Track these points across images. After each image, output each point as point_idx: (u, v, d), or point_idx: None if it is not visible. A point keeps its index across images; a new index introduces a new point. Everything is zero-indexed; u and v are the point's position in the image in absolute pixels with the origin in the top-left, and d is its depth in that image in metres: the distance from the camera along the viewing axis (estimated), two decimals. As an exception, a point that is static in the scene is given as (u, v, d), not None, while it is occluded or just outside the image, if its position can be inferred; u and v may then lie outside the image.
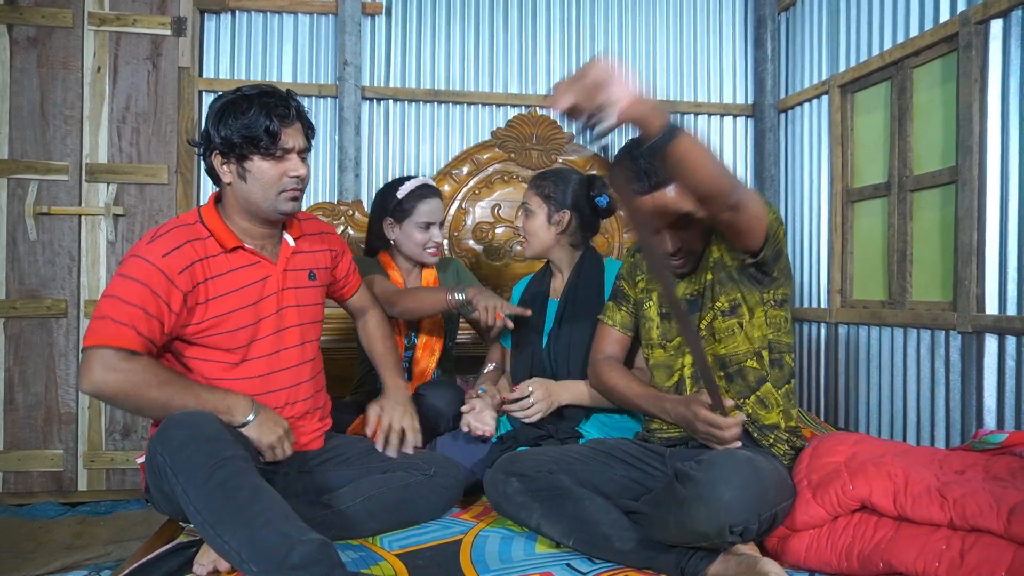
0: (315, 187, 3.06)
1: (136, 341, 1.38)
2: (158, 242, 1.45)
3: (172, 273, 1.43)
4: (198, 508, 1.22)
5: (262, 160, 1.50)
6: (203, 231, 1.52)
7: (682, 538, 1.28)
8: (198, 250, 1.49)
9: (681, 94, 3.30)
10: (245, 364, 1.53)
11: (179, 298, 1.44)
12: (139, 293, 1.40)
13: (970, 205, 2.18)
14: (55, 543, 2.35)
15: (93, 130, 2.76)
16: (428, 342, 2.16)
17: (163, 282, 1.42)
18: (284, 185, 1.52)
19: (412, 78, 3.12)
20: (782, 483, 1.37)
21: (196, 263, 1.47)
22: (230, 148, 1.49)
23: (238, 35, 3.01)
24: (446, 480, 1.61)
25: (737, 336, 1.54)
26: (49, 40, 2.73)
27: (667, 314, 1.64)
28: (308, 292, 1.66)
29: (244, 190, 1.52)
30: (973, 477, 1.35)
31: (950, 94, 2.31)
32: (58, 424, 2.72)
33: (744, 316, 1.54)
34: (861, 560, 1.26)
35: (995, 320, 2.10)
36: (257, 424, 1.45)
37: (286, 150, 1.51)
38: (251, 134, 1.47)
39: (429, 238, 2.14)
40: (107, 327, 1.37)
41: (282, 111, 1.49)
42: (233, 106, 1.48)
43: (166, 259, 1.43)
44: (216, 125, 1.49)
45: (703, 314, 1.57)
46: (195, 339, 1.49)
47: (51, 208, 2.72)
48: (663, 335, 1.64)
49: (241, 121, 1.46)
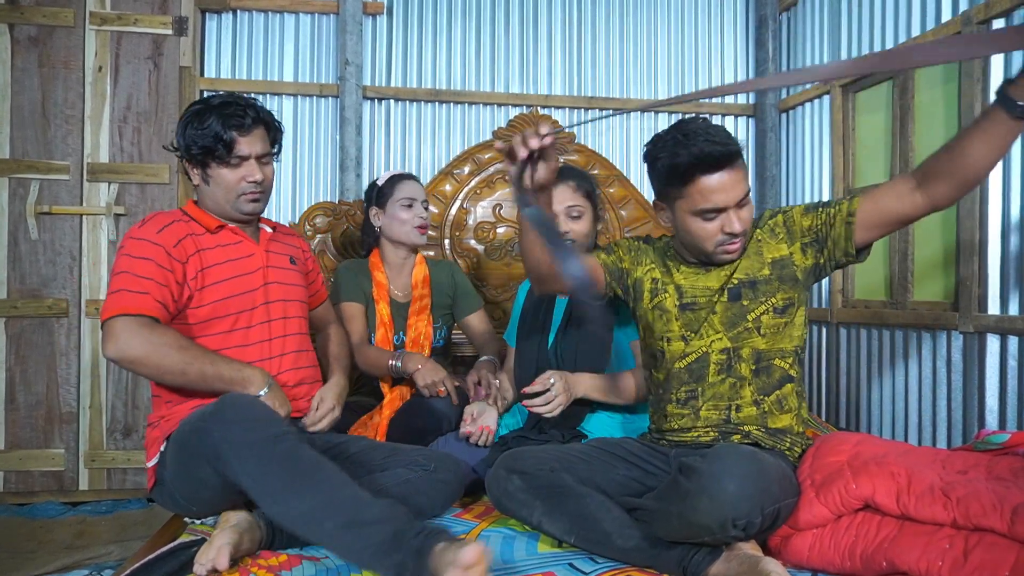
0: (316, 187, 3.06)
1: (155, 308, 1.48)
2: (148, 224, 1.58)
3: (169, 246, 1.54)
4: (259, 479, 1.28)
5: (220, 167, 1.62)
6: (186, 218, 1.66)
7: (685, 532, 1.28)
8: (184, 228, 1.62)
9: (682, 94, 3.30)
10: (235, 333, 1.62)
11: (180, 269, 1.55)
12: (147, 266, 1.50)
13: (972, 205, 2.18)
14: (56, 543, 2.35)
15: (94, 130, 2.76)
16: (416, 339, 2.19)
17: (164, 255, 1.53)
18: (242, 189, 1.64)
19: (413, 78, 3.12)
20: (786, 479, 1.37)
21: (187, 237, 1.60)
22: (190, 156, 1.62)
23: (239, 35, 3.01)
24: (446, 475, 1.62)
25: (781, 334, 1.54)
26: (50, 39, 2.73)
27: (688, 305, 1.58)
28: (291, 274, 1.77)
29: (208, 192, 1.66)
30: (976, 477, 1.34)
31: (952, 94, 2.31)
32: (59, 424, 2.72)
33: (792, 315, 1.54)
34: (864, 559, 1.25)
35: (997, 320, 2.10)
36: (271, 396, 1.55)
37: (242, 157, 1.62)
38: (207, 144, 1.59)
39: (414, 215, 2.19)
40: (124, 298, 1.46)
41: (237, 121, 1.60)
42: (195, 116, 1.60)
43: (161, 234, 1.55)
44: (181, 134, 1.61)
45: (753, 307, 1.53)
46: (196, 311, 1.58)
47: (52, 208, 2.72)
48: (685, 326, 1.58)
49: (199, 131, 1.59)
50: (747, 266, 1.54)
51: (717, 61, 3.33)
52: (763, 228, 1.57)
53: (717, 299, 1.55)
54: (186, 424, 1.44)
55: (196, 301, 1.58)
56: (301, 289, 1.80)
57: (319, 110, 3.06)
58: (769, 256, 1.54)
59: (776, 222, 1.56)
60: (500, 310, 2.77)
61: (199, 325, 1.59)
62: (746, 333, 1.53)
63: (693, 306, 1.58)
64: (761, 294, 1.53)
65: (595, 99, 3.21)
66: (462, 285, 2.32)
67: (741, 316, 1.53)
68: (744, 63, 3.35)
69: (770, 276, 1.53)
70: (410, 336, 2.18)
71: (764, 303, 1.53)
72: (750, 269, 1.54)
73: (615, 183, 2.89)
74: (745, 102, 3.34)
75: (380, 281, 2.21)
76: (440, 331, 2.24)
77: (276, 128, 1.70)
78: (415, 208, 2.20)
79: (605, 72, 3.25)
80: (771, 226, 1.56)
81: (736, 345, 1.54)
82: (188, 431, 1.41)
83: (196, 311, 1.58)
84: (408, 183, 2.24)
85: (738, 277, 1.54)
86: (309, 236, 2.73)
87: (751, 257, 1.55)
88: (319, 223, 2.74)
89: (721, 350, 1.55)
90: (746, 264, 1.54)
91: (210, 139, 1.58)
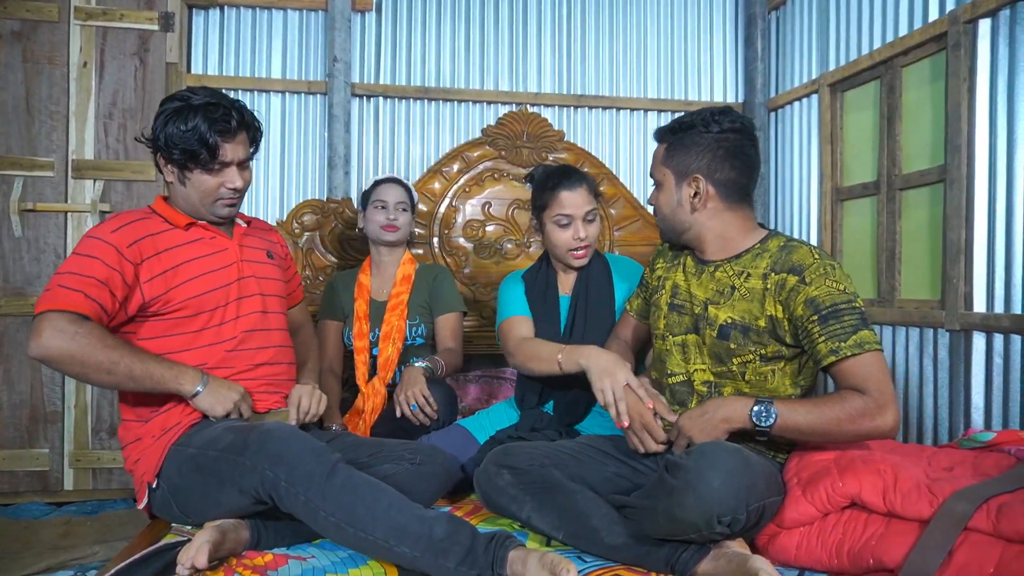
0: (304, 185, 3.05)
1: (85, 305, 1.42)
2: (108, 222, 1.54)
3: (121, 246, 1.48)
4: (330, 512, 1.29)
5: (200, 172, 1.56)
6: (156, 216, 1.61)
7: (670, 529, 1.28)
8: (151, 226, 1.56)
9: (672, 92, 3.31)
10: (208, 331, 1.58)
11: (130, 269, 1.49)
12: (89, 264, 1.45)
13: (958, 203, 2.19)
14: (41, 543, 2.33)
15: (79, 126, 2.73)
16: (388, 332, 2.21)
17: (112, 253, 1.47)
18: (220, 195, 1.59)
19: (402, 75, 3.11)
20: (771, 477, 1.37)
21: (147, 237, 1.54)
22: (170, 156, 1.54)
23: (227, 31, 2.99)
24: (433, 468, 1.61)
25: (770, 382, 1.48)
26: (34, 34, 2.69)
27: (677, 306, 1.58)
28: (267, 267, 1.74)
29: (183, 192, 1.60)
30: (961, 474, 1.36)
31: (939, 93, 2.33)
32: (44, 423, 2.69)
33: (780, 366, 1.47)
34: (851, 557, 1.26)
35: (983, 318, 2.11)
36: (208, 393, 1.50)
37: (224, 164, 1.57)
38: (191, 148, 1.52)
39: (384, 216, 2.23)
40: (56, 294, 1.42)
41: (223, 125, 1.53)
42: (178, 115, 1.52)
43: (115, 234, 1.50)
44: (160, 129, 1.54)
45: (740, 352, 1.46)
46: (156, 311, 1.54)
47: (36, 205, 2.69)
48: (668, 327, 1.58)
49: (183, 132, 1.51)
50: (744, 309, 1.46)
51: (706, 59, 3.34)
52: (777, 274, 1.44)
53: (705, 327, 1.51)
54: (209, 452, 1.40)
55: (165, 300, 1.52)
56: (279, 283, 1.76)
57: (307, 107, 3.04)
58: (770, 310, 1.44)
59: (786, 283, 1.42)
60: (489, 308, 2.77)
61: (171, 323, 1.55)
62: (730, 375, 1.50)
63: (680, 309, 1.58)
64: (751, 343, 1.45)
65: (585, 97, 3.21)
66: (441, 287, 2.28)
67: (727, 357, 1.48)
68: (733, 61, 3.36)
69: (763, 329, 1.45)
70: (383, 331, 2.21)
71: (752, 352, 1.46)
72: (747, 314, 1.46)
73: (604, 181, 2.89)
74: (734, 101, 3.34)
75: (362, 282, 2.29)
76: (417, 328, 2.23)
77: (256, 129, 1.65)
78: (387, 211, 2.23)
79: (595, 70, 3.25)
80: (780, 282, 1.43)
81: (719, 382, 1.52)
82: (214, 460, 1.39)
83: (166, 309, 1.54)
84: (385, 186, 2.26)
85: (732, 318, 1.47)
86: (297, 234, 2.72)
87: (753, 303, 1.45)
88: (307, 221, 2.73)
89: (703, 381, 1.54)
90: (743, 307, 1.47)
91: (194, 142, 1.51)
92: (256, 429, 1.38)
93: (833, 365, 1.37)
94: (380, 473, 1.55)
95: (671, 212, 1.54)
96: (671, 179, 1.53)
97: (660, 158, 1.55)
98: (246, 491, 1.35)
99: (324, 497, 1.29)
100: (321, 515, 1.30)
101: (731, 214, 1.52)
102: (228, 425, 1.45)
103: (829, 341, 1.36)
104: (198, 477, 1.41)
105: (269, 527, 1.43)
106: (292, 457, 1.31)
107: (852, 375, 1.35)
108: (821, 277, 1.39)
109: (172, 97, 1.57)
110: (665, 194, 1.55)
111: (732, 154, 1.49)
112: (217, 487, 1.38)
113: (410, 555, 1.27)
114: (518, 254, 2.86)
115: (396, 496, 1.34)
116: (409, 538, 1.27)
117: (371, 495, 1.31)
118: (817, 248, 1.46)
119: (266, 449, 1.33)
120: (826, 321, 1.36)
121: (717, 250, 1.54)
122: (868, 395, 1.33)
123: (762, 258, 1.48)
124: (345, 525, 1.29)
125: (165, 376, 1.47)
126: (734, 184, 1.51)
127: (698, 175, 1.49)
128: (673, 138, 1.52)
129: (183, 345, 1.56)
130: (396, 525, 1.28)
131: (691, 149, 1.50)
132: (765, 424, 1.35)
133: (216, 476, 1.38)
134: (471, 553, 1.26)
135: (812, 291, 1.38)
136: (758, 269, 1.47)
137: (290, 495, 1.31)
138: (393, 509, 1.30)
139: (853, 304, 1.38)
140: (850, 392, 1.35)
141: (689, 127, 1.50)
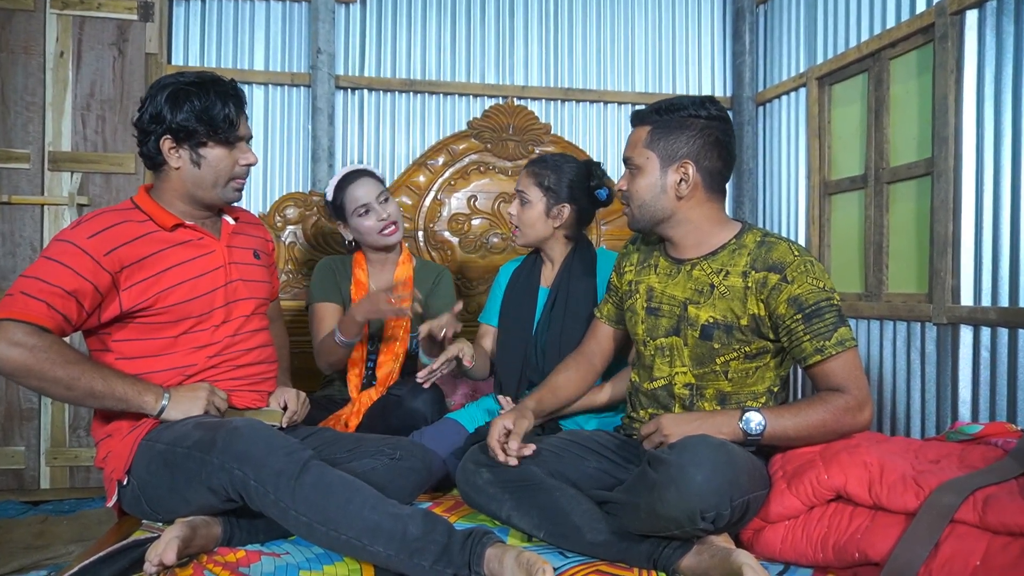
0: (287, 177, 3.00)
1: (47, 316, 1.34)
2: (83, 225, 1.43)
3: (98, 255, 1.40)
4: (301, 512, 1.25)
5: (218, 147, 1.51)
6: (139, 215, 1.52)
7: (652, 525, 1.25)
8: (132, 230, 1.47)
9: (659, 86, 3.28)
10: (191, 335, 1.51)
11: (106, 279, 1.41)
12: (58, 272, 1.37)
13: (945, 196, 2.18)
14: (14, 543, 2.28)
15: (56, 117, 2.68)
16: (391, 347, 2.09)
17: (87, 262, 1.39)
18: (235, 173, 1.55)
19: (387, 67, 3.07)
20: (756, 471, 1.34)
21: (127, 244, 1.45)
22: (187, 134, 1.47)
23: (208, 21, 2.93)
24: (412, 463, 1.58)
25: (752, 377, 1.47)
26: (9, 24, 2.64)
27: (654, 309, 1.54)
28: (255, 269, 1.67)
29: (195, 176, 1.52)
30: (948, 467, 1.33)
31: (926, 85, 2.31)
32: (19, 420, 2.64)
33: (764, 361, 1.46)
34: (836, 550, 1.23)
35: (970, 311, 2.10)
36: (174, 405, 1.43)
37: (239, 137, 1.53)
38: (210, 120, 1.47)
39: (375, 220, 2.05)
40: (16, 301, 1.34)
41: (235, 99, 1.51)
42: (187, 92, 1.47)
43: (91, 240, 1.41)
44: (172, 109, 1.46)
45: (724, 351, 1.45)
46: (136, 317, 1.47)
47: (12, 197, 2.63)
48: (648, 331, 1.55)
49: (200, 107, 1.46)
50: (725, 308, 1.44)
51: (694, 53, 3.32)
52: (757, 272, 1.42)
53: (686, 327, 1.48)
54: (177, 449, 1.35)
55: (146, 307, 1.45)
56: (265, 286, 1.70)
57: (291, 99, 2.99)
58: (752, 308, 1.43)
59: (767, 282, 1.41)
60: (475, 303, 2.73)
61: (151, 327, 1.48)
62: (712, 375, 1.48)
63: (657, 312, 1.54)
64: (735, 341, 1.44)
65: (572, 90, 3.18)
66: (441, 290, 2.20)
67: (710, 357, 1.46)
68: (721, 55, 3.34)
69: (746, 327, 1.43)
70: (385, 343, 2.09)
71: (736, 350, 1.44)
72: (728, 313, 1.44)
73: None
74: (722, 94, 3.32)
75: (360, 279, 2.13)
76: (417, 338, 2.17)
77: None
78: (373, 211, 2.04)
79: (582, 63, 3.22)
80: (761, 280, 1.41)
81: (701, 384, 1.49)
82: (182, 457, 1.34)
83: (147, 314, 1.47)
84: (354, 187, 2.06)
85: (714, 317, 1.45)
86: (279, 227, 2.67)
87: (734, 301, 1.43)
88: (290, 214, 2.69)
89: (685, 384, 1.50)
90: (724, 306, 1.44)
91: (214, 115, 1.46)
92: (225, 426, 1.33)
93: (817, 364, 1.38)
94: (359, 468, 1.51)
95: (652, 198, 1.49)
96: (655, 163, 1.48)
97: (642, 141, 1.49)
98: (216, 489, 1.31)
99: (294, 496, 1.25)
100: (292, 514, 1.26)
101: (710, 206, 1.50)
102: (198, 421, 1.40)
103: (814, 340, 1.37)
104: (167, 474, 1.36)
105: (242, 523, 1.39)
106: (261, 455, 1.27)
107: (834, 374, 1.38)
108: (803, 275, 1.39)
109: (160, 83, 1.50)
110: (647, 179, 1.48)
111: (720, 143, 1.48)
112: (186, 485, 1.34)
113: (384, 554, 1.24)
114: (504, 248, 2.83)
115: (371, 494, 1.29)
116: (383, 537, 1.23)
117: (344, 494, 1.27)
118: (795, 243, 1.46)
119: (234, 447, 1.28)
120: (810, 320, 1.37)
121: (691, 245, 1.51)
122: (848, 393, 1.37)
123: (740, 255, 1.46)
124: (317, 524, 1.25)
125: (128, 393, 1.40)
126: (718, 174, 1.50)
127: (688, 160, 1.46)
128: (660, 120, 1.47)
129: (162, 349, 1.49)
130: (369, 524, 1.24)
131: (681, 133, 1.46)
132: (756, 433, 1.35)
133: (185, 474, 1.33)
134: (447, 551, 1.23)
135: (795, 289, 1.38)
136: (737, 267, 1.45)
137: (259, 494, 1.27)
138: (367, 508, 1.26)
139: (832, 301, 1.39)
140: (829, 393, 1.39)
141: (678, 109, 1.46)
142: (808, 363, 1.39)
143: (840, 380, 1.37)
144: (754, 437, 1.35)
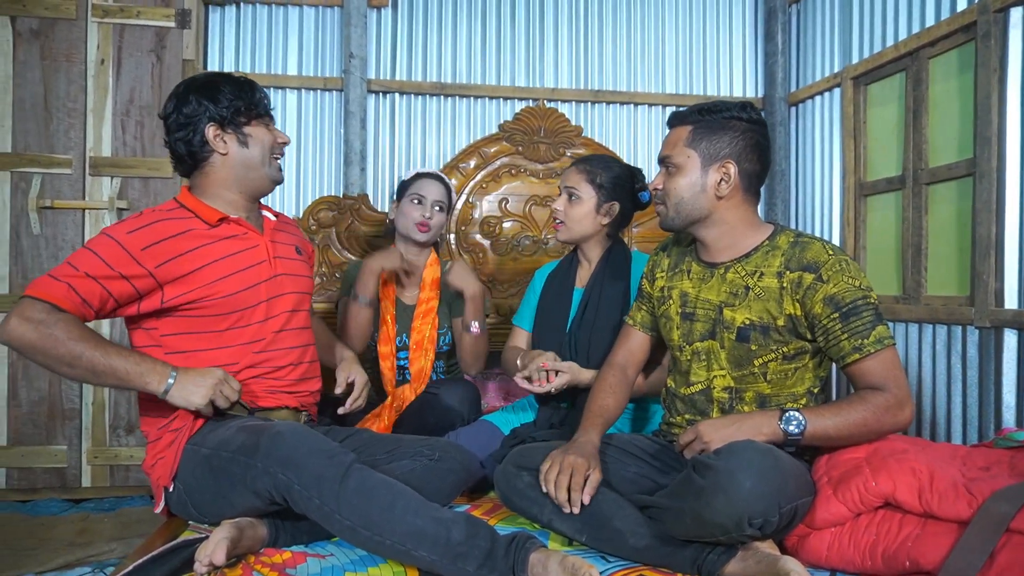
0: (320, 181, 3.03)
1: (65, 297, 1.37)
2: (126, 222, 1.49)
3: (135, 249, 1.43)
4: (345, 516, 1.27)
5: (259, 125, 1.60)
6: (183, 212, 1.56)
7: (698, 531, 1.24)
8: (174, 227, 1.51)
9: (690, 87, 3.26)
10: (237, 331, 1.54)
11: (140, 272, 1.43)
12: (88, 260, 1.41)
13: (988, 197, 2.14)
14: (57, 540, 2.33)
15: (96, 123, 2.73)
16: (420, 341, 2.12)
17: (121, 255, 1.42)
18: (276, 150, 1.63)
19: (418, 71, 3.09)
20: (802, 477, 1.33)
21: (168, 239, 1.48)
22: (234, 116, 1.55)
23: (243, 28, 2.98)
24: (451, 464, 1.59)
25: (792, 379, 1.46)
26: (52, 32, 2.70)
27: (689, 314, 1.54)
28: (297, 264, 1.71)
29: (244, 157, 1.58)
30: (999, 473, 1.31)
31: (967, 85, 2.27)
32: (61, 420, 2.70)
33: (804, 361, 1.46)
34: (886, 559, 1.22)
35: (1015, 315, 2.06)
36: (179, 387, 1.40)
37: (270, 112, 1.64)
38: (250, 99, 1.58)
39: (419, 212, 2.15)
40: (42, 282, 1.39)
41: (251, 83, 1.62)
42: (215, 83, 1.56)
43: (131, 235, 1.45)
44: (211, 100, 1.54)
45: (761, 353, 1.44)
46: (183, 310, 1.50)
47: (54, 202, 2.69)
48: (683, 336, 1.55)
49: (233, 91, 1.56)
50: (761, 309, 1.44)
51: (726, 53, 3.29)
52: (792, 272, 1.42)
53: (722, 331, 1.48)
54: (222, 453, 1.37)
55: (190, 300, 1.48)
56: (308, 280, 1.73)
57: (323, 104, 3.02)
58: (788, 309, 1.42)
59: (802, 281, 1.40)
60: (507, 307, 2.74)
61: (198, 320, 1.50)
62: (751, 377, 1.47)
63: (692, 316, 1.54)
64: (773, 342, 1.43)
65: (602, 92, 3.18)
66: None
67: (747, 359, 1.46)
68: (753, 55, 3.31)
69: (783, 327, 1.43)
70: (413, 339, 2.13)
71: (774, 351, 1.44)
72: (764, 314, 1.43)
73: (623, 177, 2.84)
74: (754, 95, 3.29)
75: (388, 279, 2.18)
76: (445, 336, 2.19)
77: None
78: (423, 205, 2.15)
79: (612, 65, 3.21)
80: (796, 280, 1.41)
81: (740, 387, 1.49)
82: (227, 461, 1.36)
83: (193, 308, 1.49)
84: (425, 180, 2.19)
85: (750, 319, 1.44)
86: (313, 231, 2.70)
87: (770, 302, 1.43)
88: (323, 217, 2.72)
89: (724, 388, 1.50)
90: (759, 307, 1.44)
91: (251, 94, 1.57)
92: (268, 430, 1.34)
93: (855, 363, 1.36)
94: (397, 470, 1.53)
95: (692, 196, 1.48)
96: (696, 162, 1.48)
97: (684, 140, 1.49)
98: (260, 493, 1.32)
99: (338, 501, 1.26)
100: (336, 518, 1.27)
101: (745, 208, 1.51)
102: (241, 425, 1.42)
103: (852, 339, 1.36)
104: (212, 479, 1.39)
105: (286, 525, 1.41)
106: (304, 460, 1.28)
107: (873, 372, 1.37)
108: (838, 273, 1.38)
109: (183, 85, 1.58)
110: (687, 177, 1.48)
111: (760, 146, 1.49)
112: (231, 488, 1.36)
113: (428, 559, 1.24)
114: (535, 250, 2.84)
115: (413, 497, 1.30)
116: (427, 542, 1.24)
117: (387, 498, 1.28)
118: (829, 243, 1.45)
119: (278, 451, 1.30)
120: (847, 319, 1.36)
121: (724, 248, 1.51)
122: (888, 391, 1.35)
123: (774, 256, 1.45)
124: (360, 528, 1.26)
125: (130, 372, 1.38)
126: (756, 177, 1.50)
127: (730, 160, 1.46)
128: (702, 120, 1.48)
129: (209, 344, 1.52)
130: (413, 529, 1.25)
131: (725, 133, 1.46)
132: (796, 433, 1.33)
133: (229, 478, 1.35)
134: (491, 556, 1.24)
135: (831, 288, 1.37)
136: (771, 268, 1.44)
137: (303, 498, 1.28)
138: (410, 512, 1.27)
139: (868, 299, 1.38)
140: (869, 392, 1.37)
141: (722, 110, 1.47)
142: (846, 362, 1.38)
143: (879, 378, 1.36)
144: (794, 437, 1.34)
